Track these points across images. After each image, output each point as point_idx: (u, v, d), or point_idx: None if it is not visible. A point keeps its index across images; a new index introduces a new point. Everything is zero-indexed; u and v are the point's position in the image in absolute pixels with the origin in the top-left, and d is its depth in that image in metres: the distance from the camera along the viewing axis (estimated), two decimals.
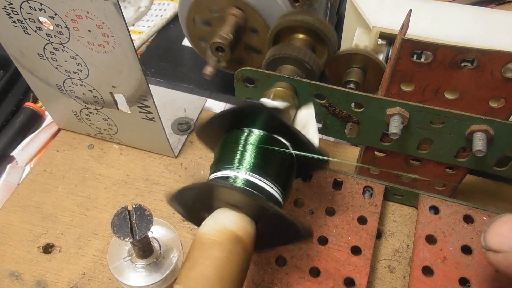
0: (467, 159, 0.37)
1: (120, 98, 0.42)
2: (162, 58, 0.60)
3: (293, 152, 0.33)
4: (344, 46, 0.49)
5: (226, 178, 0.30)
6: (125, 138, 0.48)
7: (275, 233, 0.32)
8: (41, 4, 0.34)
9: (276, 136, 0.32)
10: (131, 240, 0.31)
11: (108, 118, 0.45)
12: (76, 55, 0.38)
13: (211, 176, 0.32)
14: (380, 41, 0.45)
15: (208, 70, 0.46)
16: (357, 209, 0.41)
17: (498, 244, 0.26)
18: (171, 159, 0.48)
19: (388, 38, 0.45)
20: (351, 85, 0.43)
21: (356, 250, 0.38)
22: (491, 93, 0.34)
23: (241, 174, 0.30)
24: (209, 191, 0.30)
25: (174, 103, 0.54)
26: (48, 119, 0.53)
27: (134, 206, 0.32)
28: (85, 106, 0.45)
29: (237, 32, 0.46)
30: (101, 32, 0.35)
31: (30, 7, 0.35)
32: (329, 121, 0.38)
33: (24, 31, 0.37)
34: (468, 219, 0.40)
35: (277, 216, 0.29)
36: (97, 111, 0.45)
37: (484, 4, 0.56)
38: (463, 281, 0.37)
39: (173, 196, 0.30)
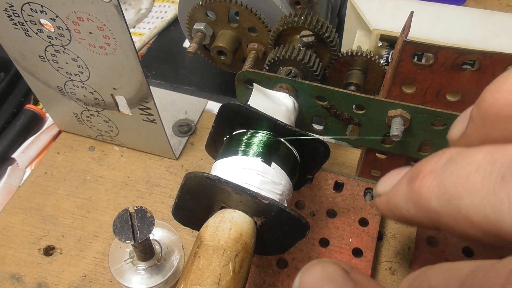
0: None
1: (121, 100, 0.42)
2: (163, 60, 0.60)
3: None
4: (345, 48, 0.49)
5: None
6: (126, 140, 0.48)
7: (276, 231, 0.32)
8: (42, 6, 0.34)
9: (278, 137, 0.33)
10: (133, 243, 0.31)
11: (109, 120, 0.45)
12: (77, 57, 0.38)
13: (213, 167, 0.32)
14: (380, 43, 0.45)
15: (191, 47, 0.47)
16: (359, 211, 0.41)
17: (382, 187, 0.25)
18: (172, 161, 0.48)
19: (388, 40, 0.45)
20: (352, 87, 0.43)
21: (357, 252, 0.38)
22: None
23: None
24: (210, 188, 0.30)
25: (175, 105, 0.54)
26: (49, 121, 0.53)
27: (135, 208, 0.32)
28: (86, 108, 0.45)
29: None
30: (102, 34, 0.35)
31: (31, 9, 0.35)
32: (330, 123, 0.38)
33: (25, 33, 0.37)
34: None
35: (280, 212, 0.29)
36: (98, 113, 0.45)
37: None
38: None
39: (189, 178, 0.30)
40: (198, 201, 0.31)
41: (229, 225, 0.29)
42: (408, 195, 0.22)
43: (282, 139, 0.33)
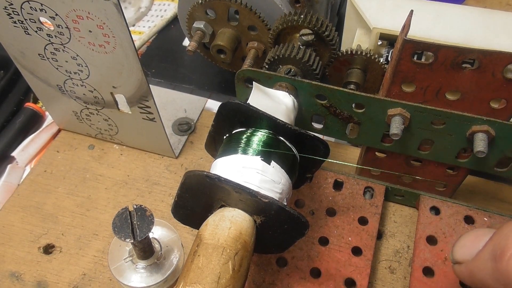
0: (468, 159, 0.37)
1: (120, 99, 0.42)
2: (163, 59, 0.60)
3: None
4: (345, 47, 0.49)
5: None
6: (125, 139, 0.48)
7: (276, 230, 0.32)
8: (41, 4, 0.34)
9: (277, 136, 0.33)
10: (132, 241, 0.31)
11: (109, 118, 0.45)
12: (77, 55, 0.38)
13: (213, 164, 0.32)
14: (380, 42, 0.45)
15: (191, 45, 0.47)
16: (358, 209, 0.41)
17: (461, 255, 0.26)
18: (171, 160, 0.48)
19: (388, 39, 0.45)
20: (352, 86, 0.43)
21: (356, 251, 0.38)
22: (492, 94, 0.34)
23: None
24: (209, 186, 0.30)
25: (175, 103, 0.54)
26: (49, 119, 0.53)
27: (135, 206, 0.32)
28: (86, 106, 0.45)
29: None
30: (102, 33, 0.35)
31: (30, 7, 0.35)
32: (330, 122, 0.38)
33: (24, 31, 0.37)
34: (468, 220, 0.40)
35: (279, 211, 0.29)
36: (98, 112, 0.45)
37: None
38: None
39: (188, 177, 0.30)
40: (197, 199, 0.31)
41: (228, 224, 0.29)
42: (495, 274, 0.22)
43: (281, 138, 0.33)
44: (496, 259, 0.22)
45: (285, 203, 0.32)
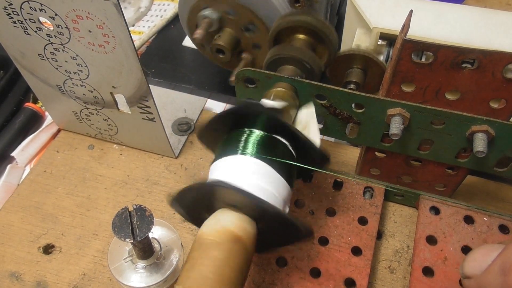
0: (468, 159, 0.37)
1: (120, 99, 0.42)
2: (162, 59, 0.60)
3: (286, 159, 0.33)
4: (345, 46, 0.49)
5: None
6: (125, 139, 0.48)
7: (276, 233, 0.32)
8: (41, 4, 0.34)
9: (276, 136, 0.32)
10: (132, 241, 0.31)
11: (109, 118, 0.45)
12: (77, 55, 0.38)
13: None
14: (380, 42, 0.45)
15: (198, 32, 0.46)
16: (358, 209, 0.41)
17: (471, 269, 0.27)
18: (171, 160, 0.48)
19: (388, 38, 0.45)
20: (352, 86, 0.43)
21: (356, 251, 0.38)
22: (492, 93, 0.34)
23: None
24: (209, 191, 0.30)
25: (174, 103, 0.54)
26: (48, 119, 0.53)
27: (134, 206, 0.32)
28: (85, 106, 0.45)
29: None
30: (102, 33, 0.35)
31: (30, 7, 0.35)
32: (329, 122, 0.38)
33: (24, 31, 0.37)
34: (468, 220, 0.40)
35: (277, 216, 0.29)
36: (98, 112, 0.45)
37: None
38: None
39: (174, 197, 0.30)
40: (195, 207, 0.31)
41: (227, 224, 0.29)
42: None
43: (280, 138, 0.33)
44: (505, 273, 0.22)
45: (286, 203, 0.32)
